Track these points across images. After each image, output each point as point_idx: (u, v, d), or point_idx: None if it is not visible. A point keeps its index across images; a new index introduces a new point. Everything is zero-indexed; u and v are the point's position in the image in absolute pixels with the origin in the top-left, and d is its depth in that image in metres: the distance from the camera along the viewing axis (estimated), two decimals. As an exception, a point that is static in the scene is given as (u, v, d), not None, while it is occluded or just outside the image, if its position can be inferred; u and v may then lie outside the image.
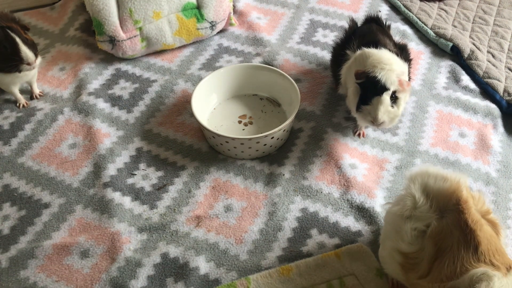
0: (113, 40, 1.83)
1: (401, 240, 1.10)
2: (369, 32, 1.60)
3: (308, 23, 2.06)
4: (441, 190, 1.08)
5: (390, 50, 1.49)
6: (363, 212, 1.42)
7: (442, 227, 1.05)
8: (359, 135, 1.62)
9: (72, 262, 1.34)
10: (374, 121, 1.42)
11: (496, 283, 0.96)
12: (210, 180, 1.52)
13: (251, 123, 1.66)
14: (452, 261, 1.01)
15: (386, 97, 1.39)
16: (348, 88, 1.54)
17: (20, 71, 1.63)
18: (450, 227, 1.04)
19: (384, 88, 1.39)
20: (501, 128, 1.66)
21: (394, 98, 1.41)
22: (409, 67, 1.60)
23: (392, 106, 1.42)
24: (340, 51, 1.64)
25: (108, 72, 1.87)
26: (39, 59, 1.66)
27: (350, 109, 1.53)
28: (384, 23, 1.69)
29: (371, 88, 1.41)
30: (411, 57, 1.65)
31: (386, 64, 1.41)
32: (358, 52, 1.51)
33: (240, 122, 1.67)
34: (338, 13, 2.10)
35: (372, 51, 1.46)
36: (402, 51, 1.61)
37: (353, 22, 1.72)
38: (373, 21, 1.69)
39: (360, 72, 1.42)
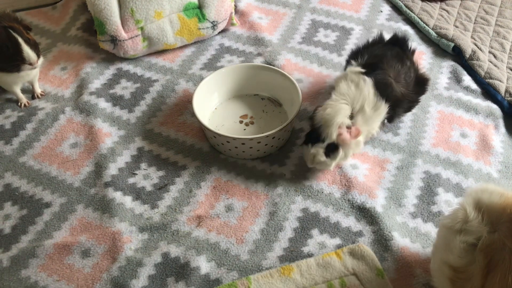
0: (114, 40, 1.83)
1: (450, 253, 1.08)
2: (382, 55, 1.54)
3: (309, 23, 2.06)
4: (494, 205, 1.06)
5: (380, 83, 1.45)
6: (364, 212, 1.42)
7: (494, 240, 1.03)
8: None
9: (73, 261, 1.34)
10: (307, 164, 1.45)
11: None
12: (211, 180, 1.52)
13: (252, 123, 1.66)
14: (504, 275, 0.99)
15: (318, 149, 1.40)
16: None
17: (21, 71, 1.63)
18: (503, 239, 1.02)
19: (318, 139, 1.40)
20: (502, 129, 1.66)
21: (332, 149, 1.39)
22: (415, 102, 1.58)
23: (328, 156, 1.40)
24: (352, 57, 1.62)
25: (110, 71, 1.87)
26: (41, 59, 1.67)
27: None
28: (409, 47, 1.64)
29: (311, 134, 1.44)
30: (424, 92, 1.62)
31: (330, 114, 1.39)
32: (348, 69, 1.51)
33: (241, 122, 1.67)
34: (339, 13, 2.10)
35: (342, 84, 1.46)
36: (419, 84, 1.57)
37: (380, 36, 1.68)
38: (396, 42, 1.64)
39: (312, 114, 1.44)
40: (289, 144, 1.62)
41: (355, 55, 1.61)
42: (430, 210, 1.44)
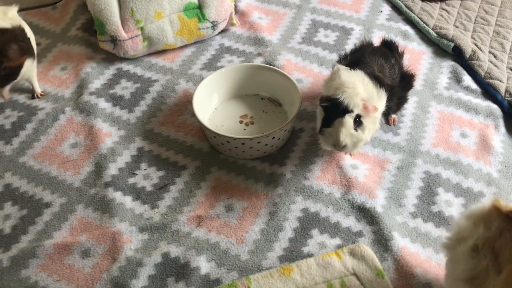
0: (114, 40, 1.83)
1: (458, 266, 1.09)
2: (362, 52, 1.54)
3: (309, 23, 2.06)
4: (483, 210, 1.08)
5: (370, 74, 1.42)
6: (364, 212, 1.42)
7: (491, 234, 1.05)
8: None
9: (73, 261, 1.34)
10: (336, 144, 1.37)
11: None
12: (211, 180, 1.52)
13: (252, 123, 1.66)
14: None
15: (348, 119, 1.35)
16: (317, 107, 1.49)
17: None
18: (499, 231, 1.04)
19: (346, 110, 1.34)
20: (502, 129, 1.66)
21: (358, 122, 1.36)
22: (403, 97, 1.56)
23: (356, 130, 1.36)
24: (338, 61, 1.59)
25: (110, 71, 1.87)
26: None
27: (316, 129, 1.48)
28: (397, 48, 1.63)
29: (334, 110, 1.36)
30: (410, 88, 1.61)
31: (349, 87, 1.36)
32: (334, 68, 1.49)
33: (241, 122, 1.67)
34: (339, 13, 2.10)
35: (343, 71, 1.42)
36: (404, 80, 1.56)
37: (368, 42, 1.64)
38: (386, 45, 1.64)
39: (323, 97, 1.39)
40: (289, 144, 1.62)
41: (340, 60, 1.59)
42: (430, 210, 1.43)
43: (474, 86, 1.79)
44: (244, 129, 1.64)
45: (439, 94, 1.76)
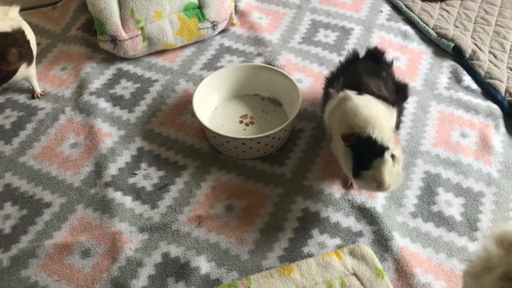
0: (114, 40, 1.83)
1: None
2: (356, 71, 1.45)
3: (309, 23, 2.06)
4: None
5: (377, 96, 1.34)
6: (364, 213, 1.42)
7: None
8: (349, 187, 1.47)
9: (73, 261, 1.34)
10: (381, 187, 1.24)
11: None
12: (211, 180, 1.52)
13: (252, 123, 1.66)
14: None
15: (388, 157, 1.23)
16: (334, 140, 1.39)
17: None
18: None
19: (382, 148, 1.23)
20: (502, 129, 1.66)
21: (393, 157, 1.26)
22: (401, 108, 1.47)
23: (394, 166, 1.25)
24: (329, 85, 1.50)
25: (110, 71, 1.87)
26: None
27: (346, 173, 1.36)
28: (384, 58, 1.55)
29: (368, 149, 1.23)
30: (406, 98, 1.53)
31: (376, 122, 1.24)
32: (341, 94, 1.36)
33: (241, 122, 1.67)
34: (339, 13, 2.10)
35: (356, 101, 1.30)
36: (399, 92, 1.48)
37: (353, 54, 1.56)
38: (371, 56, 1.55)
39: (347, 135, 1.25)
40: (289, 144, 1.62)
41: (331, 82, 1.49)
42: (430, 210, 1.43)
43: (474, 86, 1.79)
44: (244, 129, 1.64)
45: (439, 94, 1.76)
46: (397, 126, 1.47)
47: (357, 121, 1.26)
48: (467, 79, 1.81)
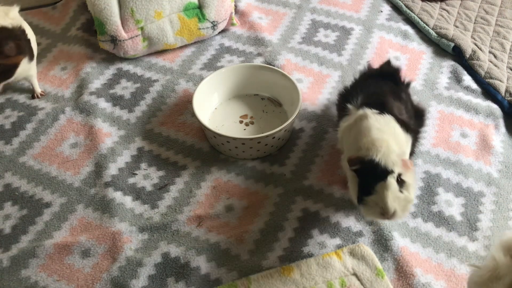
0: (114, 40, 1.83)
1: None
2: (378, 90, 1.39)
3: (309, 23, 2.06)
4: None
5: (397, 119, 1.28)
6: (364, 212, 1.42)
7: None
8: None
9: (73, 261, 1.34)
10: (385, 213, 1.17)
11: None
12: (211, 180, 1.52)
13: (252, 123, 1.66)
14: None
15: (391, 181, 1.16)
16: (343, 158, 1.35)
17: None
18: None
19: (385, 171, 1.16)
20: (502, 129, 1.66)
21: (401, 182, 1.18)
22: (417, 136, 1.40)
23: (401, 192, 1.18)
24: (344, 100, 1.43)
25: (110, 71, 1.87)
26: None
27: (351, 199, 1.30)
28: (402, 79, 1.50)
29: (370, 173, 1.18)
30: (424, 125, 1.49)
31: (382, 145, 1.19)
32: (360, 112, 1.31)
33: (241, 122, 1.67)
34: (339, 13, 2.10)
35: (371, 122, 1.25)
36: (417, 117, 1.43)
37: (369, 69, 1.53)
38: (388, 76, 1.48)
39: (353, 159, 1.21)
40: (289, 144, 1.62)
41: (346, 98, 1.43)
42: (430, 210, 1.43)
43: (474, 86, 1.79)
44: (244, 129, 1.64)
45: (439, 94, 1.76)
46: (411, 154, 1.39)
47: (364, 143, 1.22)
48: (467, 79, 1.81)
